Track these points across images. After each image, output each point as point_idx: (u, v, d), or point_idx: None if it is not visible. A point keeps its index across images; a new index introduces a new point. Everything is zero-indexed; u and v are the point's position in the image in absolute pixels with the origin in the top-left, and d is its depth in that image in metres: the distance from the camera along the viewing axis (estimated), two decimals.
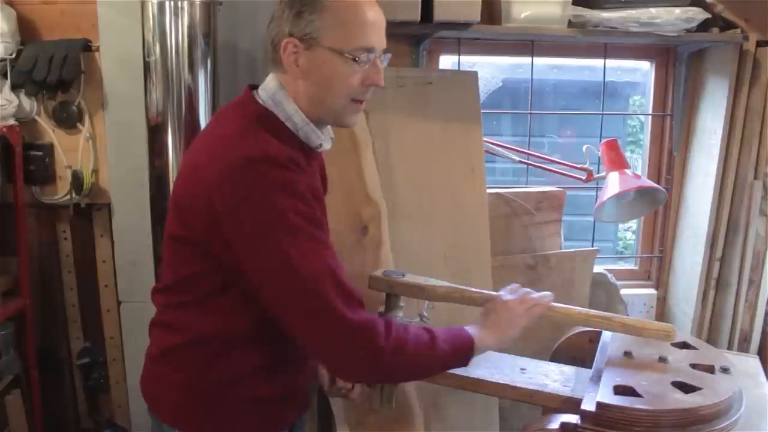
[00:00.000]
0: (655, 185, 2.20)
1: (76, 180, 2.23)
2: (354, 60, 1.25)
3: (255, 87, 1.35)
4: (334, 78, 1.27)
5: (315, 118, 1.31)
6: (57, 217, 2.34)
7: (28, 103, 2.18)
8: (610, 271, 2.50)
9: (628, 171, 2.17)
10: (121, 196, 2.26)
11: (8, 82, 2.10)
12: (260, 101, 1.31)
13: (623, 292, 2.48)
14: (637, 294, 2.61)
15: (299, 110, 1.29)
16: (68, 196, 2.26)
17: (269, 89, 1.31)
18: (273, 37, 1.29)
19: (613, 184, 2.13)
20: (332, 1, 1.25)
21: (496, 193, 2.24)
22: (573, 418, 1.28)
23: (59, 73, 2.11)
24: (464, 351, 1.34)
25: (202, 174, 1.23)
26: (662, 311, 2.66)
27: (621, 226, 3.20)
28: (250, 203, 1.18)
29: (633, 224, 2.92)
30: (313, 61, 1.26)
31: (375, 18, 1.29)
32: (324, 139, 1.35)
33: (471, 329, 1.38)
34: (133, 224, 2.22)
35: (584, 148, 2.29)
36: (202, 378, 1.36)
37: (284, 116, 1.30)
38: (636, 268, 2.72)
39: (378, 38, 1.29)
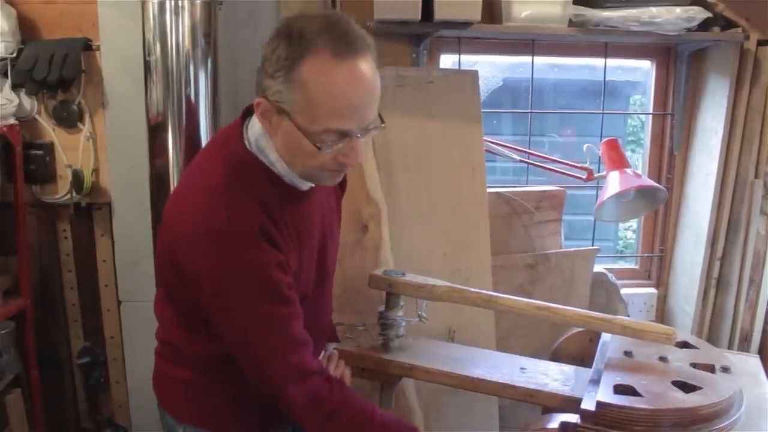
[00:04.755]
0: (655, 184, 2.20)
1: (77, 179, 2.23)
2: (317, 147, 1.14)
3: (252, 112, 1.26)
4: (302, 153, 1.18)
5: (298, 172, 1.25)
6: (57, 217, 2.33)
7: (28, 103, 2.18)
8: (610, 270, 2.50)
9: (628, 170, 2.17)
10: (121, 195, 2.26)
11: (9, 81, 2.10)
12: (247, 143, 1.25)
13: (623, 291, 2.48)
14: (638, 293, 2.61)
15: (281, 159, 1.23)
16: (68, 196, 2.26)
17: (254, 132, 1.24)
18: (257, 80, 1.18)
19: (614, 183, 2.13)
20: (309, 75, 1.10)
21: (497, 193, 2.24)
22: (573, 418, 1.28)
23: (60, 72, 2.11)
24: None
25: (173, 230, 1.23)
26: (662, 310, 2.66)
27: (621, 225, 3.20)
28: (212, 276, 1.18)
29: (633, 223, 2.92)
30: (282, 128, 1.17)
31: (357, 100, 1.13)
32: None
33: None
34: (134, 224, 2.22)
35: (585, 147, 2.29)
36: (208, 376, 1.38)
37: (268, 162, 1.25)
38: (636, 267, 2.72)
39: (356, 121, 1.14)
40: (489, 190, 2.12)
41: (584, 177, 2.30)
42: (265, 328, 1.21)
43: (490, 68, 2.54)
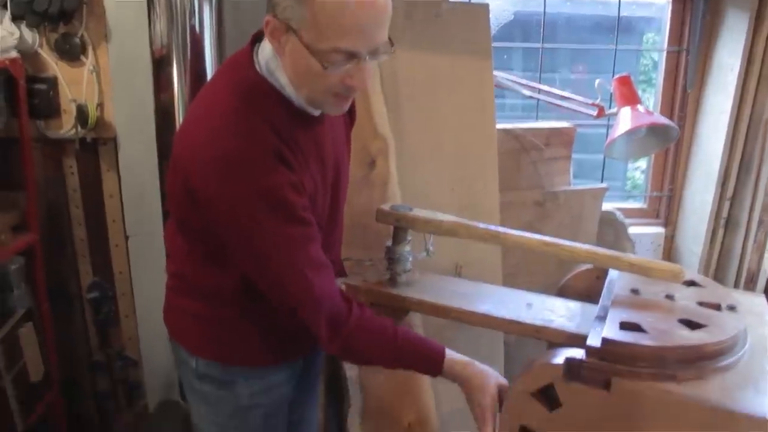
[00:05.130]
0: (667, 122, 2.16)
1: (81, 114, 2.20)
2: (323, 66, 1.13)
3: (261, 37, 1.26)
4: (309, 73, 1.16)
5: (303, 97, 1.24)
6: (63, 152, 2.32)
7: (29, 36, 2.14)
8: (618, 209, 2.48)
9: (640, 107, 2.13)
10: (126, 130, 2.24)
11: (8, 13, 2.05)
12: (257, 67, 1.24)
13: (631, 230, 2.47)
14: (645, 232, 2.61)
15: (291, 84, 1.23)
16: (73, 131, 2.24)
17: (265, 55, 1.23)
18: None
19: (625, 120, 2.10)
20: None
21: (506, 129, 2.21)
22: (578, 353, 1.28)
23: (61, 3, 2.06)
24: (433, 354, 1.38)
25: (186, 155, 1.22)
26: (670, 250, 2.66)
27: (630, 165, 3.17)
28: (227, 199, 1.18)
29: (642, 164, 2.89)
30: (290, 47, 1.16)
31: (366, 19, 1.11)
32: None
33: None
34: (140, 158, 2.21)
35: (596, 83, 2.24)
36: (220, 310, 1.40)
37: (279, 86, 1.24)
38: (645, 206, 2.71)
39: (365, 41, 1.13)
40: (498, 126, 2.09)
41: (595, 114, 2.26)
42: (281, 249, 1.21)
43: (501, 1, 2.47)
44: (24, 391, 2.13)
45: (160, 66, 2.00)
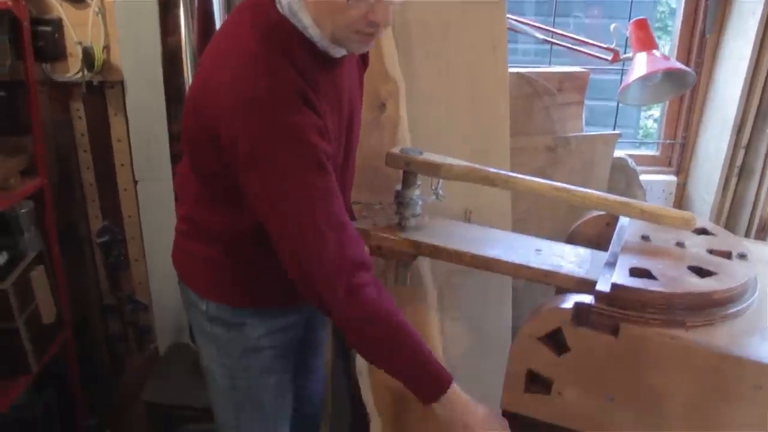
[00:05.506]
0: (684, 67, 2.11)
1: (87, 57, 2.17)
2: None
3: None
4: (332, 8, 1.17)
5: (327, 36, 1.22)
6: (70, 96, 2.30)
7: None
8: (630, 156, 2.45)
9: (656, 52, 2.08)
10: (133, 73, 2.21)
11: None
12: (279, 8, 1.21)
13: (643, 178, 2.44)
14: (657, 180, 2.58)
15: (315, 24, 1.20)
16: (80, 74, 2.21)
17: None
18: None
19: (640, 65, 2.05)
20: None
21: (518, 73, 2.17)
22: (587, 299, 1.28)
23: None
24: (438, 375, 1.29)
25: (208, 97, 1.19)
26: (681, 198, 2.64)
27: (642, 114, 3.13)
28: (251, 142, 1.15)
29: (655, 112, 2.85)
30: None
31: None
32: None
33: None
34: (147, 102, 2.19)
35: (612, 27, 2.19)
36: (231, 255, 1.40)
37: (301, 27, 1.21)
38: (657, 154, 2.67)
39: None
40: (510, 70, 2.05)
41: (609, 59, 2.21)
42: (304, 200, 1.19)
43: None
44: (37, 333, 2.16)
45: (167, 7, 1.98)
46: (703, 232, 1.56)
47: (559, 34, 2.25)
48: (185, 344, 2.32)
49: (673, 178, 2.61)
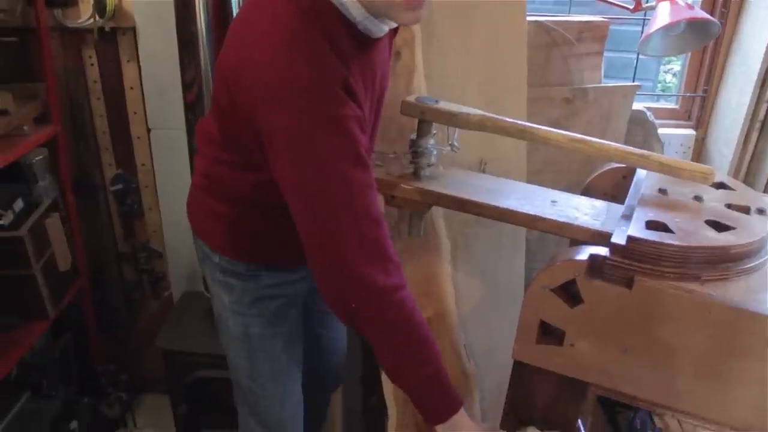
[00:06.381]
0: (708, 17, 2.05)
1: (99, 2, 2.15)
2: None
3: None
4: None
5: (371, 8, 1.15)
6: (82, 42, 2.28)
7: None
8: (649, 109, 2.41)
9: (680, 1, 2.02)
10: (145, 19, 2.19)
11: None
12: None
13: (661, 131, 2.40)
14: (675, 134, 2.54)
15: (355, 2, 1.14)
16: (92, 20, 2.19)
17: None
18: None
19: (663, 14, 1.99)
20: None
21: (536, 21, 2.12)
22: (602, 251, 1.27)
23: None
24: (452, 395, 1.28)
25: (247, 73, 1.13)
26: (699, 152, 2.60)
27: (662, 67, 3.05)
28: (290, 132, 1.11)
29: (675, 66, 2.79)
30: None
31: None
32: (388, 24, 1.22)
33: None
34: (160, 49, 2.17)
35: None
36: (249, 217, 1.40)
37: (340, 5, 1.15)
38: (676, 107, 2.62)
39: None
40: (528, 18, 2.00)
41: (631, 7, 2.15)
42: (341, 193, 1.14)
43: None
44: (53, 279, 2.19)
45: None
46: (721, 186, 1.53)
47: None
48: (199, 292, 2.34)
49: (692, 132, 2.56)
